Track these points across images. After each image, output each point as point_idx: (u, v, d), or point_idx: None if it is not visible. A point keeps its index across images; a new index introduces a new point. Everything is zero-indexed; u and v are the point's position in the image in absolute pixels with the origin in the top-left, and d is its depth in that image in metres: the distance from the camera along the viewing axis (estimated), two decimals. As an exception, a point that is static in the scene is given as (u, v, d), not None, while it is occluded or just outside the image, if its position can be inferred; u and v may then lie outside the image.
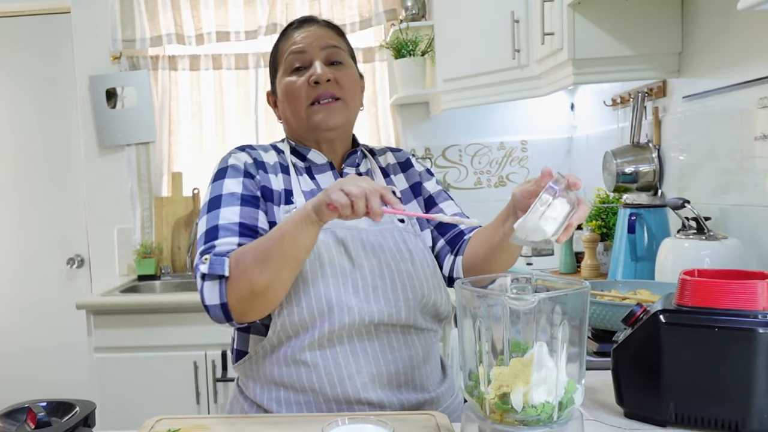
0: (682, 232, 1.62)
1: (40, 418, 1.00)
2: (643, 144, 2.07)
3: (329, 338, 1.11)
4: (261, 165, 1.21)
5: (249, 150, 1.24)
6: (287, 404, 1.14)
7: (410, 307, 1.14)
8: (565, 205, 0.91)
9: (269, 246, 1.04)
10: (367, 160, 1.32)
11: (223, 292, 1.06)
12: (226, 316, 1.07)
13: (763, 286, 0.91)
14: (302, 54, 1.21)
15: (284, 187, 1.20)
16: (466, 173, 3.16)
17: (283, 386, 1.14)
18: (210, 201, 1.16)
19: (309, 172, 1.25)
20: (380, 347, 1.13)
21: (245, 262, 1.04)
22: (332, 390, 1.11)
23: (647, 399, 0.95)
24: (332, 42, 1.23)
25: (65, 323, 3.23)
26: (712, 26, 1.72)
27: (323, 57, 1.21)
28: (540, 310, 0.79)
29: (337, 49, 1.23)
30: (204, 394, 2.59)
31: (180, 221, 3.14)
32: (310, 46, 1.21)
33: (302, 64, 1.21)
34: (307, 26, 1.25)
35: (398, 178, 1.33)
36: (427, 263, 1.20)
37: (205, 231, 1.12)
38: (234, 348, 1.23)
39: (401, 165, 1.35)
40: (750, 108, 1.54)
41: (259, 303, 1.06)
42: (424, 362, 1.18)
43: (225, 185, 1.16)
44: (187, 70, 3.14)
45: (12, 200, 3.32)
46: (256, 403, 1.18)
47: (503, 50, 2.30)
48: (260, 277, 1.03)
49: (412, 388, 1.16)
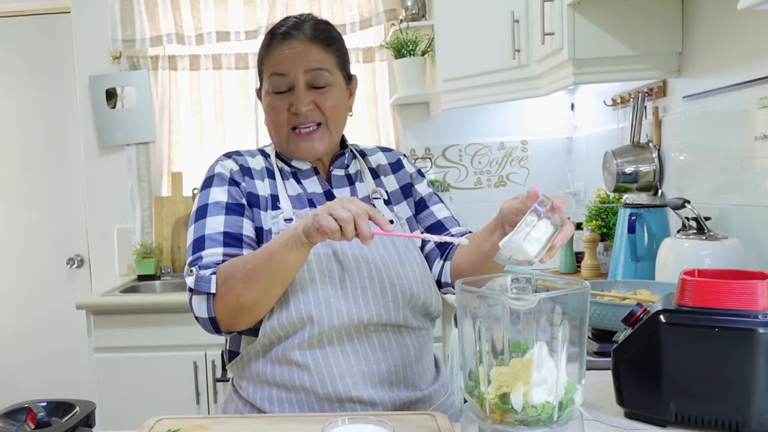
0: (682, 232, 1.62)
1: (40, 418, 1.00)
2: (643, 144, 2.07)
3: (319, 339, 1.12)
4: (247, 171, 1.22)
5: (235, 157, 1.24)
6: (279, 403, 1.14)
7: (399, 306, 1.15)
8: (549, 227, 0.92)
9: (257, 264, 1.06)
10: (357, 161, 1.32)
11: (211, 308, 1.10)
12: (215, 327, 1.12)
13: (763, 286, 0.91)
14: (284, 78, 1.18)
15: (270, 192, 1.21)
16: (466, 173, 3.16)
17: (275, 385, 1.15)
18: (197, 210, 1.19)
19: (295, 176, 1.25)
20: (370, 346, 1.14)
21: (234, 279, 1.07)
22: (323, 389, 1.12)
23: (647, 399, 0.95)
24: (315, 64, 1.18)
25: (65, 323, 3.23)
26: (712, 26, 1.72)
27: (305, 81, 1.18)
28: (540, 310, 0.79)
29: (320, 72, 1.18)
30: (204, 394, 2.59)
31: (180, 221, 3.14)
32: (293, 69, 1.18)
33: (284, 88, 1.19)
34: (291, 41, 1.19)
35: (388, 179, 1.32)
36: (417, 263, 1.21)
37: (192, 241, 1.15)
38: (227, 348, 1.24)
39: (392, 166, 1.34)
40: (750, 108, 1.54)
41: (246, 316, 1.10)
42: (416, 360, 1.18)
43: (211, 194, 1.18)
44: (187, 70, 3.14)
45: (12, 200, 3.32)
46: (249, 402, 1.19)
47: (503, 50, 2.30)
48: (248, 294, 1.06)
49: (404, 386, 1.16)
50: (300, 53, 1.19)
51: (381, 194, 1.28)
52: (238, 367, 1.20)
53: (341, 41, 1.26)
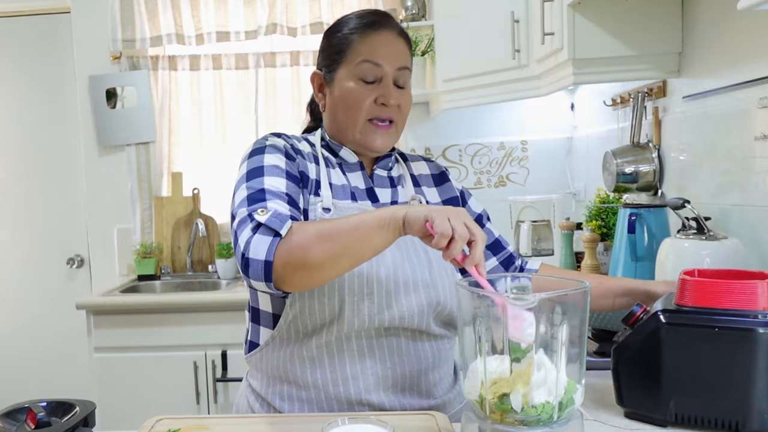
0: (682, 232, 1.62)
1: (40, 418, 1.00)
2: (643, 144, 2.07)
3: (338, 338, 1.10)
4: (298, 151, 1.18)
5: (285, 137, 1.21)
6: (290, 400, 1.14)
7: (423, 313, 1.12)
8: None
9: (340, 228, 0.97)
10: (400, 166, 1.30)
11: (272, 251, 0.97)
12: (266, 275, 0.97)
13: (763, 286, 0.91)
14: (378, 68, 1.16)
15: (315, 178, 1.18)
16: (466, 173, 3.16)
17: (287, 381, 1.14)
18: (249, 171, 1.09)
19: (341, 167, 1.23)
20: (388, 350, 1.13)
21: (308, 232, 0.97)
22: (335, 389, 1.11)
23: (647, 399, 0.95)
24: (406, 63, 1.19)
25: (65, 323, 3.23)
26: (712, 26, 1.71)
27: (395, 77, 1.17)
28: (540, 310, 0.79)
29: (407, 71, 1.19)
30: (204, 394, 2.59)
31: (180, 221, 3.14)
32: (389, 63, 1.16)
33: (374, 78, 1.16)
34: (386, 31, 1.18)
35: (430, 191, 1.29)
36: (446, 272, 1.18)
37: (248, 195, 1.04)
38: (247, 339, 1.23)
39: (434, 177, 1.32)
40: (750, 108, 1.54)
41: (306, 277, 0.98)
42: (432, 368, 1.16)
43: (265, 159, 1.11)
44: (187, 70, 3.14)
45: (12, 200, 3.32)
46: (261, 396, 1.18)
47: (503, 50, 2.30)
48: (318, 253, 0.95)
49: (417, 393, 1.15)
50: (396, 47, 1.18)
51: (422, 201, 1.25)
52: (255, 358, 1.19)
53: None
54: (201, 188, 3.15)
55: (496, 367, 0.81)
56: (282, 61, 3.13)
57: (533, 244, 2.61)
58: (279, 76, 3.13)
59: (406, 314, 1.11)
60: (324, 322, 1.09)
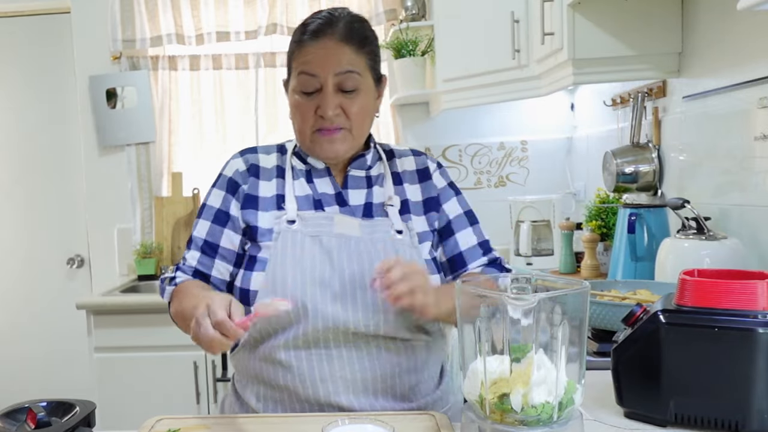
0: (682, 232, 1.62)
1: (40, 418, 1.00)
2: (643, 144, 2.07)
3: (304, 340, 1.11)
4: (255, 171, 1.21)
5: (248, 155, 1.24)
6: (264, 399, 1.16)
7: (390, 319, 1.11)
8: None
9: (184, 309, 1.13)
10: (381, 164, 1.26)
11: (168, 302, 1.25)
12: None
13: (763, 286, 0.91)
14: (314, 78, 1.13)
15: (277, 192, 1.20)
16: (466, 173, 3.16)
17: (261, 382, 1.16)
18: (200, 206, 1.25)
19: (309, 175, 1.23)
20: (357, 354, 1.12)
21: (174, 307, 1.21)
22: (305, 391, 1.12)
23: (647, 399, 0.95)
24: (346, 66, 1.13)
25: (65, 323, 3.22)
26: (712, 26, 1.72)
27: (335, 84, 1.13)
28: (540, 310, 0.79)
29: (350, 74, 1.14)
30: (204, 394, 2.59)
31: (180, 221, 3.14)
32: (323, 70, 1.13)
33: (312, 89, 1.14)
34: (323, 39, 1.13)
35: (413, 189, 1.25)
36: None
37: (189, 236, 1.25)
38: None
39: (419, 173, 1.27)
40: (750, 108, 1.54)
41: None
42: (410, 371, 1.15)
43: (211, 195, 1.24)
44: (187, 70, 3.14)
45: (12, 200, 3.32)
46: (239, 395, 1.21)
47: (503, 50, 2.30)
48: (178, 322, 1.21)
49: (392, 396, 1.14)
50: (331, 54, 1.13)
51: (396, 203, 1.21)
52: (235, 358, 1.22)
53: (375, 40, 1.21)
54: (201, 188, 3.15)
55: (496, 367, 0.82)
56: (282, 61, 3.13)
57: (533, 244, 2.61)
58: (279, 76, 3.13)
59: (371, 321, 1.10)
60: (289, 323, 1.11)
